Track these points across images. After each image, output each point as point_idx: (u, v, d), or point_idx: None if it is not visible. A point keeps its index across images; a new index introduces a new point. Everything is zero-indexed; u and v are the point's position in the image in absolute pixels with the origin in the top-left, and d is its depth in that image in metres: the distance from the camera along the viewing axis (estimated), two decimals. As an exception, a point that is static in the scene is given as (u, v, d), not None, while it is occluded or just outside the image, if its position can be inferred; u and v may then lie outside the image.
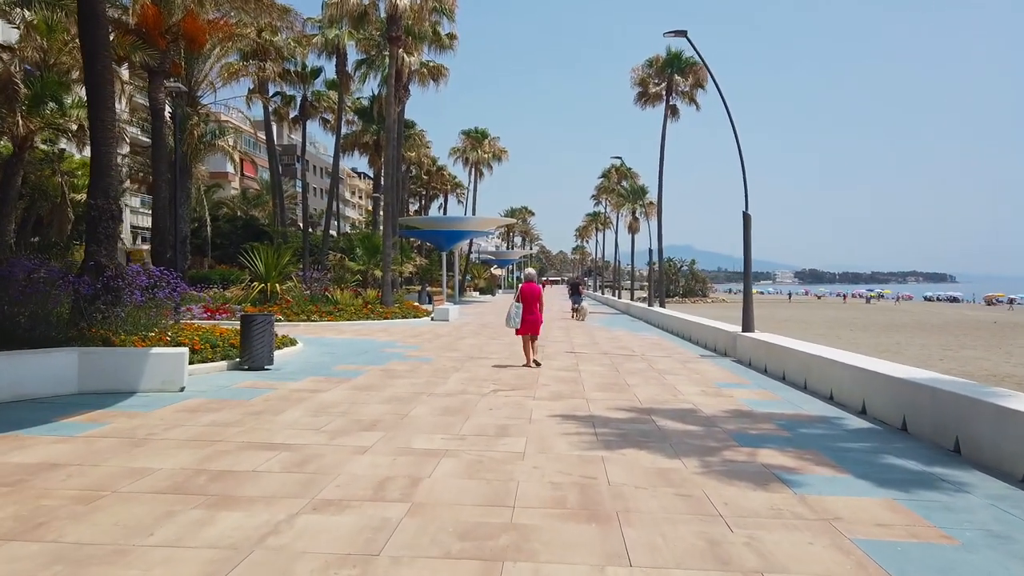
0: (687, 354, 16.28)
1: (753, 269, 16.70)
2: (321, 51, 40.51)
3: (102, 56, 12.31)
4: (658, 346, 18.18)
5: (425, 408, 8.73)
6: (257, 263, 24.78)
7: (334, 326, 22.09)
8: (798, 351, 11.70)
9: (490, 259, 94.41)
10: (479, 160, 59.80)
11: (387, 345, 16.86)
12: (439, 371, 12.28)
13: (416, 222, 52.32)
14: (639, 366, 13.67)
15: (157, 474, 5.63)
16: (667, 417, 8.49)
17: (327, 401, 9.09)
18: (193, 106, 28.05)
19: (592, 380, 11.54)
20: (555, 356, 15.09)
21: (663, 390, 10.65)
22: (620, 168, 71.63)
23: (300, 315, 23.04)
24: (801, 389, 11.01)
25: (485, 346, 17.08)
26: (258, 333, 11.70)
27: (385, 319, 24.73)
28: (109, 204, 12.23)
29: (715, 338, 17.37)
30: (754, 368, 13.61)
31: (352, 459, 6.21)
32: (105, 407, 8.37)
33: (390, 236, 27.53)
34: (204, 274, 31.12)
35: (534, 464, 6.18)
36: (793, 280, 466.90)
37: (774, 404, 9.63)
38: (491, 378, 11.54)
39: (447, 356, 14.69)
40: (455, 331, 21.89)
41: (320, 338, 18.26)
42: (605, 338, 20.58)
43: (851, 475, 6.07)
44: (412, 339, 18.64)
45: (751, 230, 15.70)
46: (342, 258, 31.42)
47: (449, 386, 10.57)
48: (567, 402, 9.39)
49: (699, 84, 37.65)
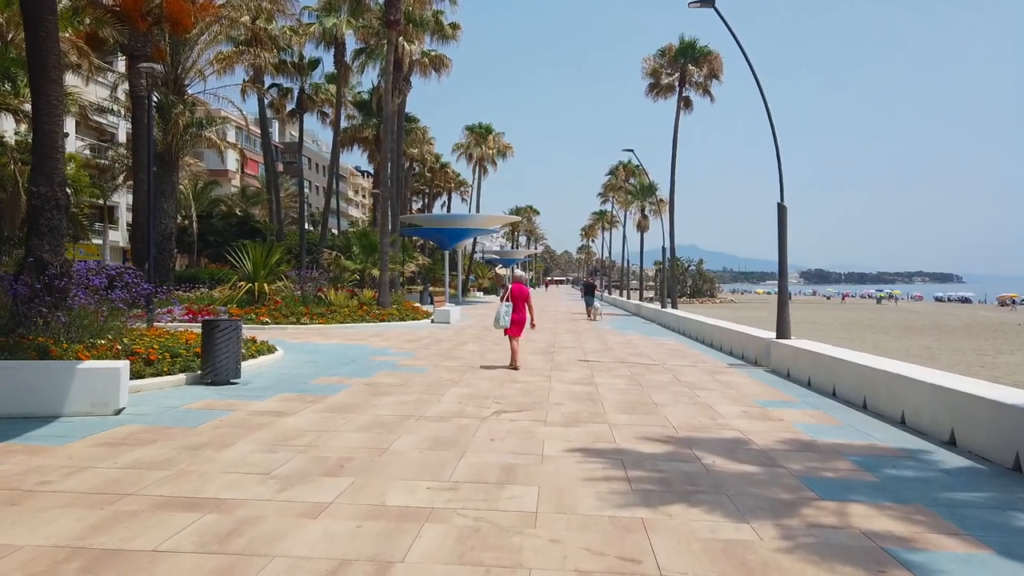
0: (713, 363, 14.56)
1: (758, 269, 15.05)
2: (319, 41, 38.90)
3: (46, 20, 10.64)
4: (679, 353, 16.46)
5: (411, 439, 7.04)
6: (245, 262, 23.14)
7: (324, 330, 20.42)
8: (856, 363, 9.96)
9: (495, 259, 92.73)
10: (483, 156, 58.08)
11: (379, 352, 15.18)
12: (434, 385, 10.59)
13: (418, 220, 50.67)
14: (663, 378, 11.95)
15: (6, 560, 3.94)
16: (713, 451, 6.78)
17: (291, 429, 7.40)
18: (179, 94, 26.40)
19: (612, 397, 9.83)
20: (567, 366, 13.38)
21: (698, 411, 8.94)
22: (628, 165, 69.94)
23: (289, 317, 21.39)
24: (859, 409, 9.29)
25: (488, 353, 15.39)
26: (222, 341, 10.02)
27: (381, 322, 23.06)
28: (53, 191, 10.56)
29: (744, 344, 15.65)
30: (794, 381, 11.89)
31: (299, 527, 4.52)
32: (7, 439, 6.69)
33: (387, 233, 25.86)
34: (192, 273, 29.56)
35: (551, 534, 4.48)
36: (798, 280, 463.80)
37: (836, 431, 7.91)
38: (494, 394, 9.84)
39: (445, 366, 13.00)
40: (456, 335, 20.21)
41: (306, 343, 16.60)
42: (619, 343, 18.87)
43: (992, 551, 4.37)
44: (408, 344, 16.96)
45: (787, 223, 13.97)
46: (337, 256, 29.75)
47: (444, 406, 8.87)
48: (586, 429, 7.69)
49: (714, 74, 35.85)
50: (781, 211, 13.97)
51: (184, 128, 25.23)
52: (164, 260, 26.03)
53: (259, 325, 20.35)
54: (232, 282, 23.22)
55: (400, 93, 36.33)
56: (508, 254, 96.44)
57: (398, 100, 35.89)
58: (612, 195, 73.52)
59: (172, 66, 26.49)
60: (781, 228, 13.97)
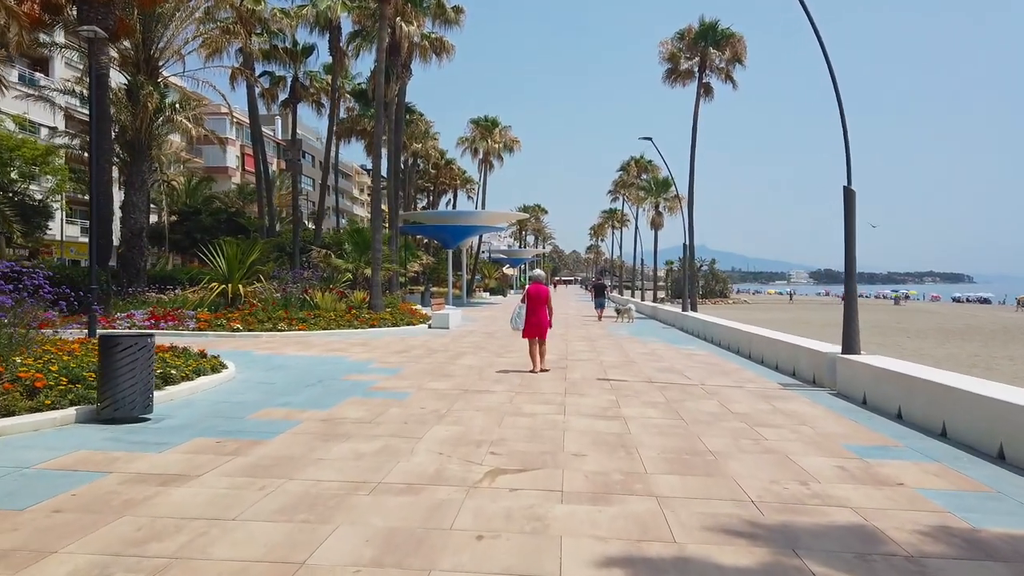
0: (762, 382, 11.94)
1: (767, 269, 12.46)
2: (312, 26, 36.38)
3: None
4: (715, 368, 13.83)
5: (349, 539, 4.45)
6: (218, 260, 20.64)
7: (303, 338, 17.88)
8: (978, 394, 7.31)
9: (501, 258, 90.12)
10: (489, 150, 55.43)
11: (357, 367, 12.61)
12: (412, 421, 8.02)
13: (420, 217, 48.22)
14: (708, 407, 9.34)
15: None
16: (834, 561, 4.18)
17: (172, 512, 4.83)
18: (151, 76, 23.89)
19: (651, 441, 7.23)
20: (584, 387, 10.78)
21: (776, 467, 6.34)
22: (640, 161, 67.24)
23: (265, 323, 18.85)
24: (993, 459, 6.70)
25: (488, 368, 12.80)
26: (125, 364, 7.46)
27: (371, 327, 20.50)
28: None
29: (794, 358, 13.01)
30: (875, 409, 9.29)
31: None
32: None
33: (380, 228, 23.30)
34: (169, 272, 27.12)
35: None
36: (808, 280, 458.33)
37: (995, 508, 5.31)
38: (489, 438, 7.25)
39: (432, 388, 10.42)
40: (453, 343, 17.64)
41: (274, 356, 14.06)
42: (641, 354, 16.26)
43: None
44: (395, 357, 14.40)
45: (855, 209, 11.32)
46: (327, 254, 27.23)
47: (417, 462, 6.29)
48: (624, 509, 5.09)
49: (737, 58, 33.11)
50: (848, 195, 11.33)
51: (155, 112, 22.72)
52: (134, 258, 23.56)
53: (228, 332, 17.84)
54: (203, 283, 20.71)
55: (399, 80, 33.80)
56: (515, 253, 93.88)
57: (397, 86, 33.36)
58: (623, 192, 70.74)
59: (144, 45, 24.01)
60: (848, 215, 11.32)
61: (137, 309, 20.38)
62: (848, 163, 11.37)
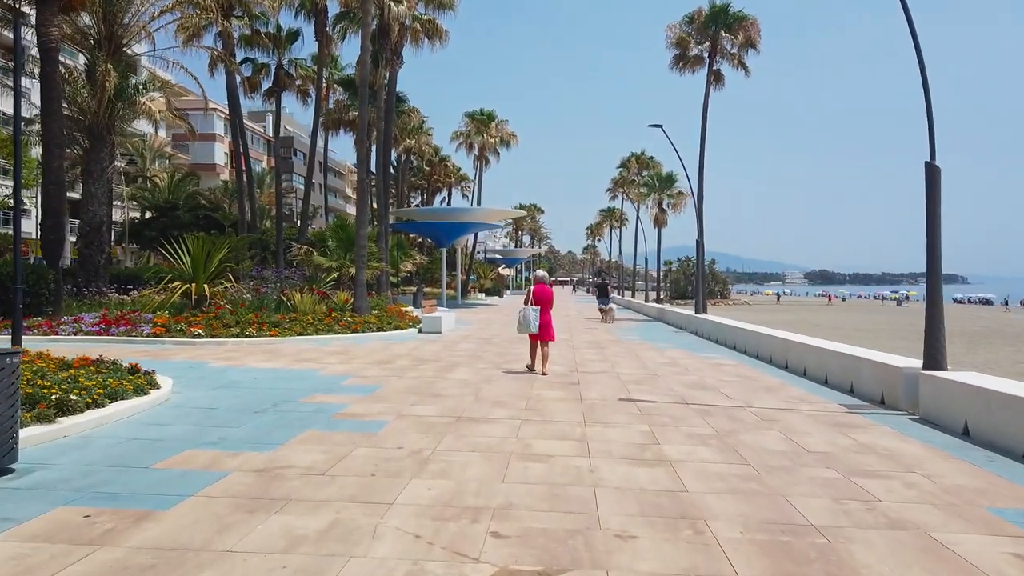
0: (818, 402, 9.79)
1: (762, 270, 10.30)
2: (297, 10, 34.20)
3: None
4: (753, 382, 11.66)
5: None
6: (183, 257, 18.40)
7: (274, 345, 15.67)
8: None
9: (497, 258, 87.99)
10: (485, 145, 53.24)
11: (327, 385, 10.40)
12: (382, 471, 5.82)
13: (412, 214, 45.97)
14: (773, 442, 7.16)
15: None
16: None
17: None
18: (114, 55, 21.61)
19: (720, 506, 5.04)
20: (606, 412, 8.57)
21: (925, 559, 4.17)
22: (641, 157, 65.18)
23: (233, 328, 16.61)
24: None
25: (486, 385, 10.61)
26: (-28, 396, 5.25)
27: (353, 332, 18.28)
28: None
29: (854, 372, 10.84)
30: (987, 444, 7.15)
31: None
32: None
33: (365, 223, 21.07)
34: (134, 271, 24.88)
35: None
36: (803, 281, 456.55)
37: None
38: (491, 503, 5.06)
39: (415, 416, 8.21)
40: (445, 351, 15.45)
41: (231, 369, 11.84)
42: (660, 363, 14.10)
43: None
44: (375, 370, 12.20)
45: (940, 187, 9.15)
46: (309, 251, 25.00)
47: (378, 557, 4.08)
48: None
49: (751, 43, 31.00)
50: (931, 172, 9.16)
51: (114, 94, 20.43)
52: (93, 255, 21.29)
53: (188, 339, 15.61)
54: (163, 283, 18.45)
55: (388, 65, 31.60)
56: (511, 253, 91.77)
57: (387, 72, 31.17)
58: (623, 190, 68.61)
59: (105, 20, 21.75)
60: (931, 195, 9.15)
61: (91, 312, 18.14)
62: (931, 133, 9.21)
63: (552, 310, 12.47)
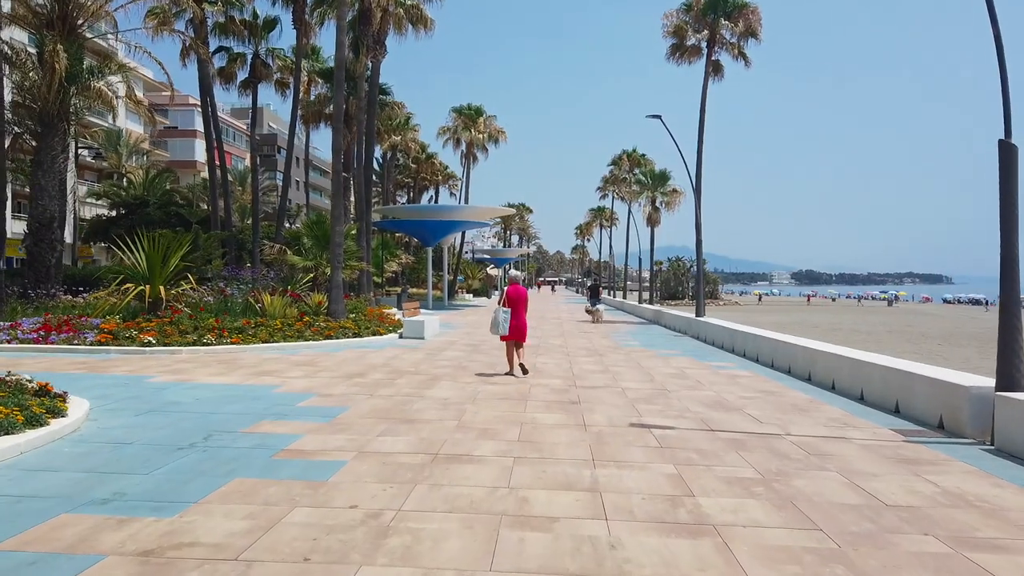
0: (866, 427, 8.22)
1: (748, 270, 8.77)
2: (275, -3, 32.35)
3: None
4: (779, 399, 10.08)
5: None
6: (137, 256, 16.64)
7: (233, 355, 13.94)
8: None
9: (485, 258, 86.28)
10: (473, 141, 51.55)
11: (281, 406, 8.72)
12: (319, 554, 4.18)
13: (397, 211, 44.29)
14: (837, 490, 5.57)
15: None
16: None
17: None
18: (68, 36, 19.78)
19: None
20: (618, 444, 6.94)
21: None
22: (633, 154, 63.71)
23: (189, 335, 14.89)
24: None
25: (471, 406, 8.95)
26: None
27: (326, 339, 16.58)
28: None
29: (903, 390, 9.26)
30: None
31: None
32: None
33: (341, 218, 19.34)
34: (90, 271, 23.09)
35: None
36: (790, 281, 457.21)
37: None
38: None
39: (380, 454, 6.55)
40: (427, 361, 13.79)
41: (174, 386, 10.13)
42: (668, 375, 12.50)
43: None
44: (344, 385, 10.53)
45: (1016, 170, 7.58)
46: (282, 250, 23.27)
47: None
48: None
49: (751, 32, 29.50)
50: (1006, 151, 7.60)
51: (66, 77, 18.62)
52: (43, 254, 19.49)
53: (137, 347, 13.88)
54: (113, 286, 16.67)
55: (370, 53, 29.90)
56: (500, 253, 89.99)
57: (369, 60, 29.49)
58: (614, 188, 67.08)
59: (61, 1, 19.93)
60: (1005, 175, 7.57)
61: (32, 316, 16.36)
62: (1007, 110, 7.64)
63: (526, 310, 12.12)
